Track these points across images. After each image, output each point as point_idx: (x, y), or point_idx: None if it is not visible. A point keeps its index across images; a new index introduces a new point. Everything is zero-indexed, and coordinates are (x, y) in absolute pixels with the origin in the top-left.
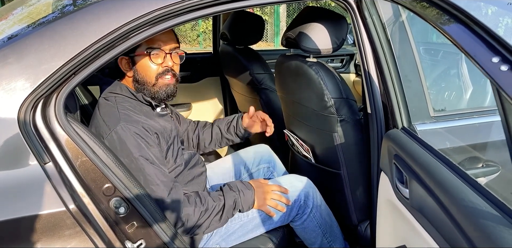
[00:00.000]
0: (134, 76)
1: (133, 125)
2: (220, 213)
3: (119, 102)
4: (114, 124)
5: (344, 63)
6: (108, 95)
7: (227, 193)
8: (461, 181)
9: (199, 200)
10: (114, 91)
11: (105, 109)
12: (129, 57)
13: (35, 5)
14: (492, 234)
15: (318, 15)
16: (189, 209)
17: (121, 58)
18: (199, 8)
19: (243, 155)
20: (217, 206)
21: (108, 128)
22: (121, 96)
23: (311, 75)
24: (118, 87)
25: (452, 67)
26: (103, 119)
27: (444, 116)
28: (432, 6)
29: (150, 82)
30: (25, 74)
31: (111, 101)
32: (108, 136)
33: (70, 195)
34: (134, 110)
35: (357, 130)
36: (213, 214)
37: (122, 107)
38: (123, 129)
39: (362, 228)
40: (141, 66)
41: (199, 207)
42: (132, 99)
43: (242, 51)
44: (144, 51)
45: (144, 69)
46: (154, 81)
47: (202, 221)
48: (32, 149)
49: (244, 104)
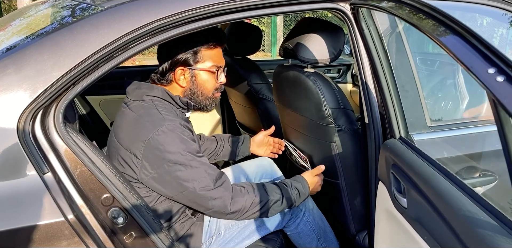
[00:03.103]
0: (190, 88)
1: (177, 124)
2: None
3: (157, 104)
4: (159, 123)
5: (341, 73)
6: (144, 98)
7: (285, 191)
8: (459, 190)
9: (251, 189)
10: (151, 94)
11: (144, 110)
12: (189, 69)
13: (33, 16)
14: (491, 243)
15: (316, 26)
16: (241, 200)
17: (178, 68)
18: (198, 19)
19: (245, 167)
20: (269, 201)
21: (154, 127)
22: (158, 99)
23: (309, 85)
24: (155, 90)
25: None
26: (145, 119)
27: (441, 126)
28: (429, 18)
29: (206, 95)
30: (24, 84)
31: (148, 103)
32: (154, 135)
33: (69, 205)
34: (171, 111)
35: (354, 140)
36: (265, 207)
37: (161, 108)
38: (170, 127)
39: (360, 238)
40: (203, 81)
41: (252, 197)
42: (169, 102)
43: (240, 62)
44: (211, 68)
45: (205, 84)
46: (210, 95)
47: (252, 211)
48: (31, 159)
49: (242, 114)
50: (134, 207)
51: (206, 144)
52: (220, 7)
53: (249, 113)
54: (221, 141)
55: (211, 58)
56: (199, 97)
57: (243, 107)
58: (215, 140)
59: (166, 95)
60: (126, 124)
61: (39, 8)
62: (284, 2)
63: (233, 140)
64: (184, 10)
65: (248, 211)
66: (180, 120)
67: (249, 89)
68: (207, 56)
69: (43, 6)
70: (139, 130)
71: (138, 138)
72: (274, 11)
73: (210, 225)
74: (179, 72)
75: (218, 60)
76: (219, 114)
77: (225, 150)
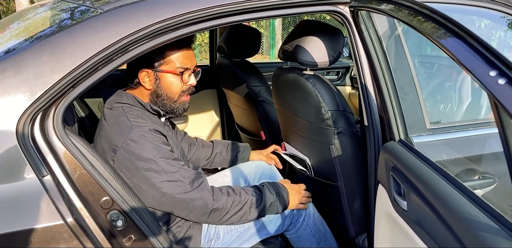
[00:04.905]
0: (155, 91)
1: (146, 130)
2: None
3: (127, 111)
4: (128, 131)
5: (340, 75)
6: (113, 105)
7: (265, 192)
8: (459, 193)
9: (232, 190)
10: (120, 101)
11: (114, 119)
12: (153, 72)
13: (32, 19)
14: (491, 245)
15: (315, 29)
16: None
17: (142, 70)
18: (197, 22)
19: (244, 169)
20: (250, 200)
21: (122, 136)
22: (127, 105)
23: (308, 88)
24: (124, 97)
25: (447, 80)
26: (114, 129)
27: (440, 129)
28: (428, 20)
29: (172, 98)
30: (23, 87)
31: (118, 110)
32: (123, 144)
33: (68, 208)
34: (142, 117)
35: (354, 142)
36: (246, 206)
37: (130, 115)
38: (138, 134)
39: (360, 241)
40: (167, 83)
41: (232, 196)
42: (139, 108)
43: (239, 64)
44: (175, 70)
45: (170, 86)
46: (177, 98)
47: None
48: (30, 162)
49: (241, 116)
50: (134, 210)
51: (202, 151)
52: (219, 10)
53: (248, 115)
54: (218, 149)
55: (176, 59)
56: (165, 100)
57: (242, 109)
58: (211, 147)
59: (135, 101)
60: (99, 134)
61: (38, 10)
62: (283, 4)
63: (232, 148)
64: (184, 13)
65: (229, 212)
66: (150, 125)
67: (248, 92)
68: (172, 57)
69: (42, 9)
70: (109, 140)
71: (110, 149)
72: (273, 13)
73: (209, 229)
74: (143, 74)
75: (185, 62)
76: (218, 117)
77: (222, 158)
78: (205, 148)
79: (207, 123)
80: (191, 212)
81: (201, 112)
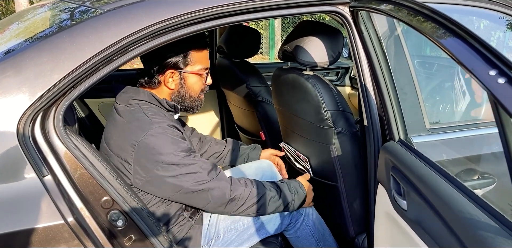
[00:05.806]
0: (178, 90)
1: (165, 126)
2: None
3: (144, 108)
4: (147, 127)
5: (339, 76)
6: (130, 102)
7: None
8: (458, 192)
9: (250, 182)
10: (137, 98)
11: (131, 115)
12: (179, 72)
13: (32, 19)
14: (491, 245)
15: (315, 29)
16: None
17: (167, 70)
18: (197, 22)
19: (244, 169)
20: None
21: (142, 132)
22: (144, 102)
23: (308, 88)
24: (141, 94)
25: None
26: (133, 124)
27: (439, 128)
28: (428, 20)
29: (193, 97)
30: (24, 87)
31: (135, 107)
32: (143, 139)
33: (69, 208)
34: (159, 114)
35: (354, 142)
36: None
37: (148, 112)
38: (158, 130)
39: (360, 241)
40: (192, 83)
41: (250, 187)
42: (155, 105)
43: (238, 64)
44: (199, 71)
45: (194, 86)
46: (197, 97)
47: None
48: (30, 162)
49: (241, 116)
50: (134, 210)
51: (215, 148)
52: (219, 10)
53: (248, 116)
54: (230, 146)
55: (200, 60)
56: (187, 99)
57: (241, 110)
58: (224, 144)
59: (152, 98)
60: (115, 130)
61: (37, 11)
62: (283, 5)
63: (244, 147)
64: (184, 13)
65: (246, 203)
66: (168, 121)
67: (247, 92)
68: (196, 58)
69: (41, 9)
70: (128, 135)
71: (128, 144)
72: (272, 14)
73: (209, 228)
74: (168, 75)
75: (206, 62)
76: (217, 117)
77: (233, 156)
78: (218, 145)
79: (207, 123)
80: (209, 203)
81: (201, 113)
